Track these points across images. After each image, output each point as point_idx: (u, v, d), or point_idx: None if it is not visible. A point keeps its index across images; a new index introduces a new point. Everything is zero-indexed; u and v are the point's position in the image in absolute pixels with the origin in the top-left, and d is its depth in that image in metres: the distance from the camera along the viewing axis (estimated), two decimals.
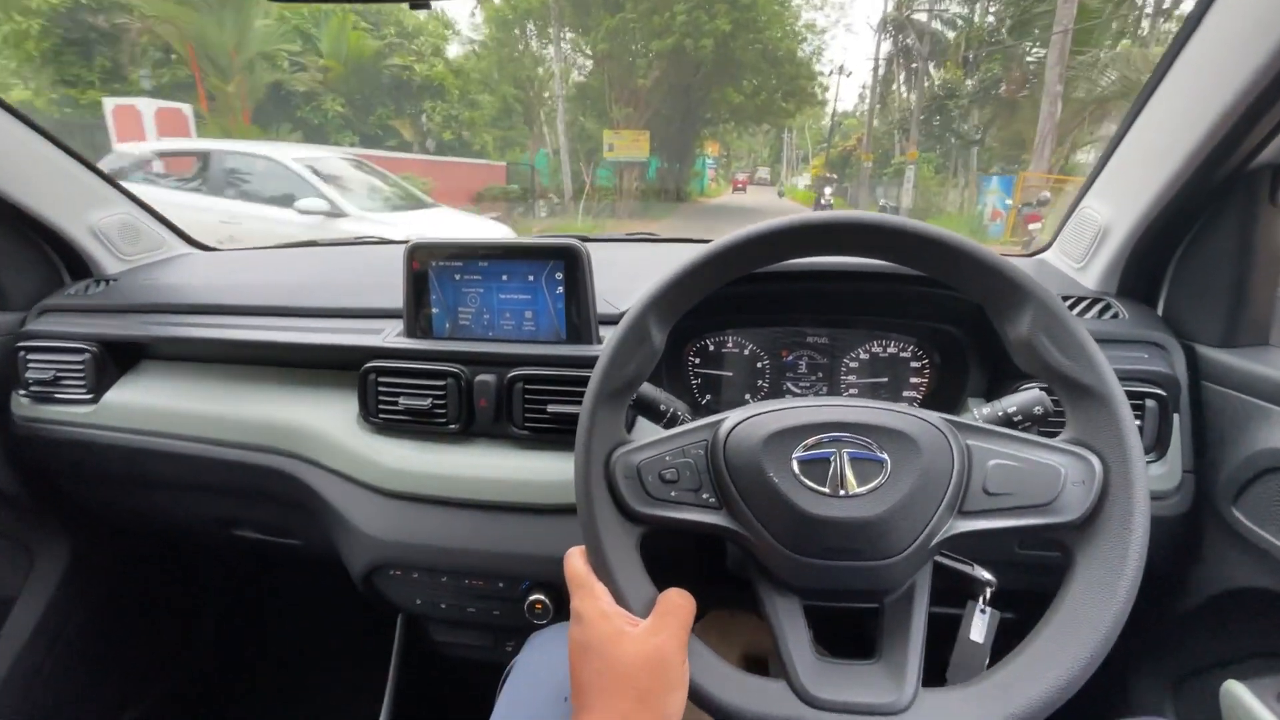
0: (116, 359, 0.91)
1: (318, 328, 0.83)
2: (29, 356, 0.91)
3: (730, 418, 0.49)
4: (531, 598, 0.72)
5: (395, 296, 0.78)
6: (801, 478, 0.45)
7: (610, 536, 0.46)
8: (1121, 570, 0.40)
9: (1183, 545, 0.68)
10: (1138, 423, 0.64)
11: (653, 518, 0.47)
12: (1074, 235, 0.80)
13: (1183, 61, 0.62)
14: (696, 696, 0.43)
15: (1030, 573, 0.62)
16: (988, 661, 0.53)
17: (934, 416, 0.47)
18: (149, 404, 0.88)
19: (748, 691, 0.44)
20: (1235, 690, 0.64)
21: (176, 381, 0.90)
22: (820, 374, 0.81)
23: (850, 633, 0.54)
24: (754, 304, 0.79)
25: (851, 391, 0.80)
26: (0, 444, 0.93)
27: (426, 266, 0.76)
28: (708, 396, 0.83)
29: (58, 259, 1.01)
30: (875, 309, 0.77)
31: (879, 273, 0.72)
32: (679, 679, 0.42)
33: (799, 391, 0.81)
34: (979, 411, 0.59)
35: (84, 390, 0.90)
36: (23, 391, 0.92)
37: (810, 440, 0.47)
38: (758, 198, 34.66)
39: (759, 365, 0.82)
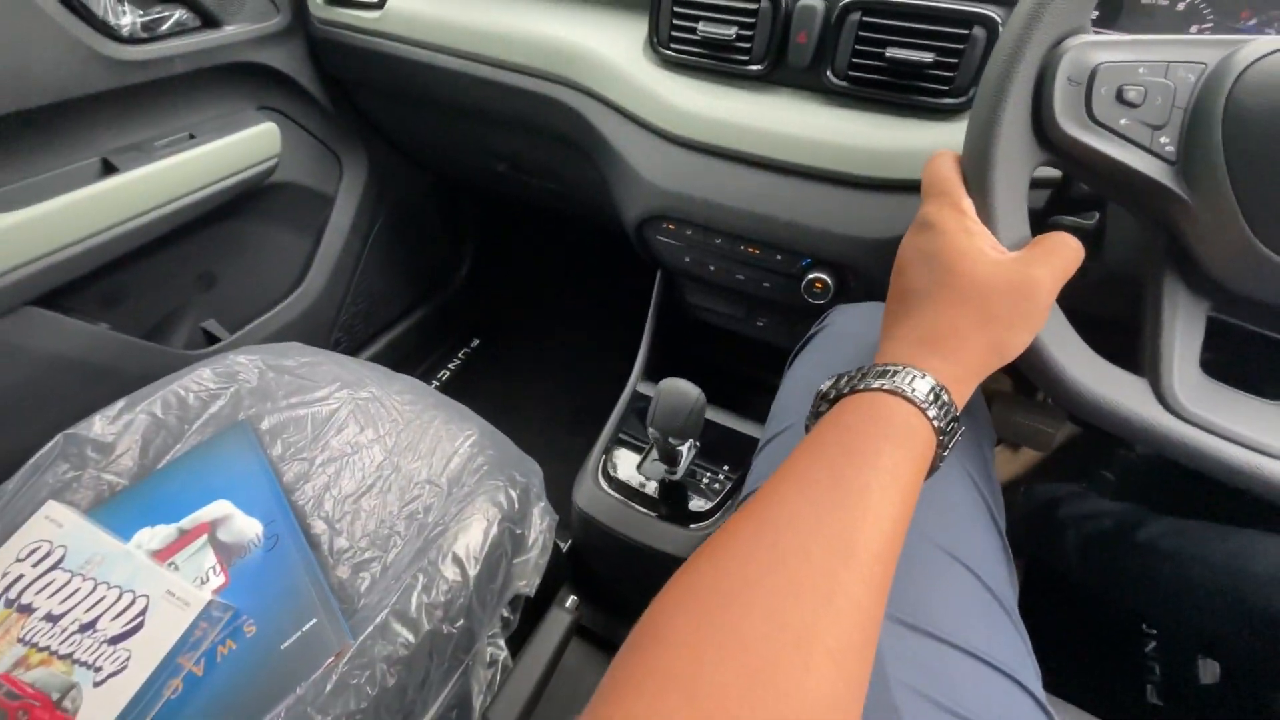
0: None
1: None
2: None
3: (1265, 41, 0.33)
4: (811, 275, 0.67)
5: None
6: None
7: (1008, 149, 0.35)
8: None
9: None
10: None
11: (1080, 146, 0.35)
12: None
13: None
14: (1039, 359, 0.37)
15: None
16: None
17: None
18: (431, 12, 0.85)
19: (1099, 374, 0.37)
20: None
21: None
22: None
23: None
24: None
25: None
26: (305, 47, 0.98)
27: None
28: None
29: None
30: None
31: None
32: (1036, 319, 0.34)
33: None
34: None
35: None
36: None
37: None
38: None
39: (1194, 31, 0.57)
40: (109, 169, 0.76)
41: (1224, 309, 0.37)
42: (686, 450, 0.66)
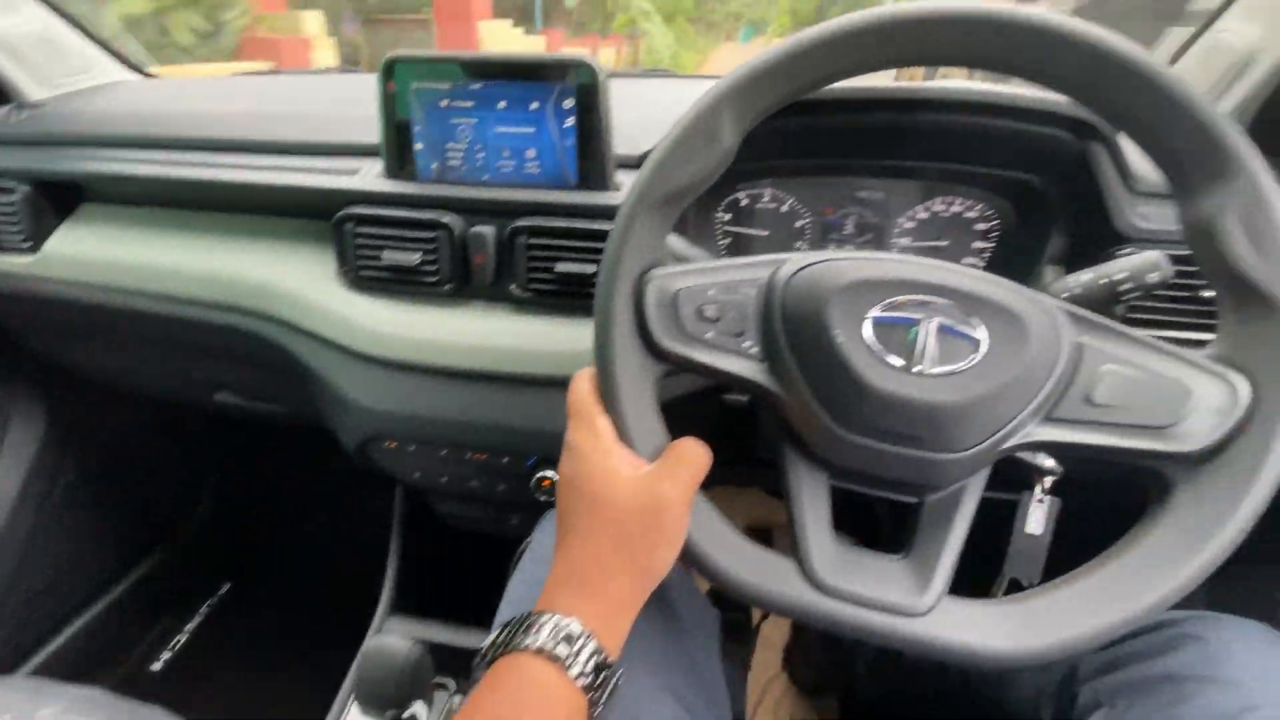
0: (52, 200, 0.79)
1: (283, 165, 0.70)
2: None
3: (796, 259, 0.40)
4: (539, 474, 0.66)
5: (374, 130, 0.65)
6: (872, 342, 0.37)
7: (626, 368, 0.39)
8: (1225, 522, 0.34)
9: None
10: None
11: (681, 357, 0.39)
12: (1203, 63, 0.66)
13: None
14: (693, 558, 0.39)
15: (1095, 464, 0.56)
16: (1045, 555, 0.49)
17: (1049, 300, 0.38)
18: (97, 255, 0.77)
19: (750, 563, 0.39)
20: None
21: (125, 228, 0.78)
22: (869, 235, 0.70)
23: (864, 521, 0.48)
24: (800, 146, 0.66)
25: None
26: None
27: (406, 89, 0.62)
28: None
29: None
30: (946, 152, 0.65)
31: (969, 101, 0.58)
32: (673, 535, 0.36)
33: None
34: (1073, 280, 0.49)
35: (21, 238, 0.78)
36: None
37: (894, 300, 0.38)
38: None
39: (798, 225, 0.71)
40: None
41: (839, 479, 0.41)
42: (423, 712, 0.57)
